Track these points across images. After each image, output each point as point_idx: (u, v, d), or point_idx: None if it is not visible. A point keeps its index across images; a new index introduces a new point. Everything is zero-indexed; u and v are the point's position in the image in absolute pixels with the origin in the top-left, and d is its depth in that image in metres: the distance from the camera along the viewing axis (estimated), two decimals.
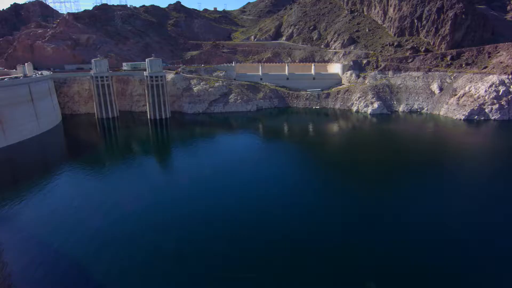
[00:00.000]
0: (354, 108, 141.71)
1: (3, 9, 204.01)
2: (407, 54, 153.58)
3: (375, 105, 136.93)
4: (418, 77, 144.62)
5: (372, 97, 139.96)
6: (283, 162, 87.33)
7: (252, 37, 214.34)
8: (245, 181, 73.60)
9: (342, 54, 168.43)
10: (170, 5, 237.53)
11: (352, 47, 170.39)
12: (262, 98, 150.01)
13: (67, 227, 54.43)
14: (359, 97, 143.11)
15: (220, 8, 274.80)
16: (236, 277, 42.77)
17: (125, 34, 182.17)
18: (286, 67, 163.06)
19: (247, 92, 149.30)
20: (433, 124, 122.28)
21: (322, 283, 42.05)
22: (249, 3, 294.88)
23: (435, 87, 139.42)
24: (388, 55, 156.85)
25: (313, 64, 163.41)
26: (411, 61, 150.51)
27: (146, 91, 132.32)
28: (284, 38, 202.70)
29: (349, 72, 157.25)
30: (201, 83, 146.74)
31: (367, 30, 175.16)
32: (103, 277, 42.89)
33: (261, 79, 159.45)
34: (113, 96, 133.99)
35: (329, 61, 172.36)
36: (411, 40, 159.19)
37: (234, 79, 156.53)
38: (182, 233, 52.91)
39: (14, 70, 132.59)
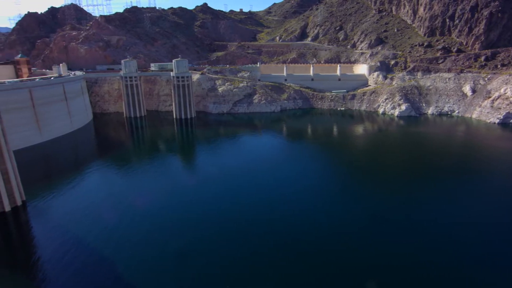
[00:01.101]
0: (381, 110, 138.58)
1: (41, 13, 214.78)
2: (438, 54, 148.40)
3: (403, 107, 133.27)
4: (449, 78, 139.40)
5: (400, 99, 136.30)
6: (306, 163, 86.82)
7: (277, 38, 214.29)
8: (267, 181, 73.69)
9: (369, 55, 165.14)
10: (197, 6, 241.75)
11: (379, 48, 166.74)
12: (286, 99, 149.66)
13: (93, 220, 56.65)
14: (386, 99, 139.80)
15: (246, 9, 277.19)
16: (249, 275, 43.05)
17: (153, 35, 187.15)
18: (311, 68, 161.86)
19: (271, 93, 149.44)
20: (464, 128, 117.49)
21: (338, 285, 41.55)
22: (274, 4, 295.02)
23: (467, 89, 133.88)
24: (418, 56, 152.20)
25: (338, 65, 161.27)
26: (442, 62, 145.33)
27: (172, 91, 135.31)
28: (309, 38, 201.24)
29: (375, 73, 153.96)
30: (226, 84, 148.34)
31: (395, 30, 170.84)
32: (121, 266, 44.35)
33: (285, 80, 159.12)
34: (141, 95, 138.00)
35: (355, 62, 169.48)
36: (442, 40, 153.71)
37: (259, 80, 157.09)
38: (202, 231, 53.71)
39: (50, 70, 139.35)
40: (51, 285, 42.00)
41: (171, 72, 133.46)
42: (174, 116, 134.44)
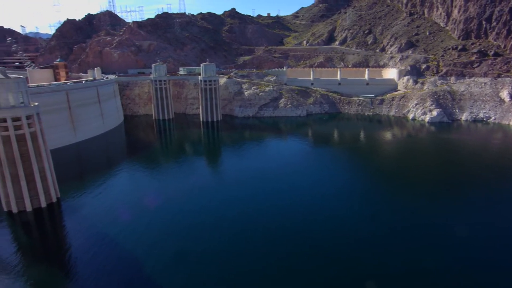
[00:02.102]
0: (410, 116, 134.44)
1: (79, 19, 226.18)
2: (473, 58, 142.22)
3: (434, 112, 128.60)
4: (485, 83, 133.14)
5: (431, 104, 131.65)
6: (331, 168, 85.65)
7: (304, 42, 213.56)
8: (290, 185, 73.31)
9: (398, 59, 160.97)
10: (225, 12, 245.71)
11: (410, 51, 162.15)
12: (312, 103, 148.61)
13: (120, 218, 58.62)
14: (416, 104, 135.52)
15: (273, 14, 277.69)
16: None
17: (182, 40, 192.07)
18: (338, 72, 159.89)
19: (297, 97, 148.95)
20: (501, 135, 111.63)
21: None
22: (302, 8, 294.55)
23: (505, 94, 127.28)
24: (451, 60, 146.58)
25: (366, 69, 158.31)
26: (477, 66, 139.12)
27: (199, 95, 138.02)
28: (337, 42, 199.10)
29: (406, 78, 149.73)
30: (252, 88, 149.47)
31: (427, 33, 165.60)
32: (141, 261, 45.57)
33: (312, 84, 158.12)
34: (169, 98, 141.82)
35: (384, 66, 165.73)
36: (477, 43, 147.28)
37: (285, 84, 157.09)
38: (224, 233, 54.20)
39: (85, 74, 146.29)
40: (78, 274, 44.10)
41: (199, 76, 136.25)
42: (201, 119, 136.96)
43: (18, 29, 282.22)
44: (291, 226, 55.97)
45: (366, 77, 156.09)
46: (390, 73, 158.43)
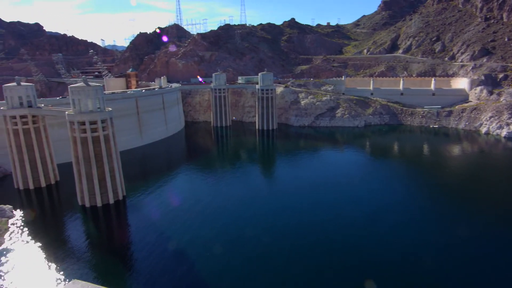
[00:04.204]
0: (483, 129, 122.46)
1: (149, 32, 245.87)
2: None
3: None
4: None
5: (509, 117, 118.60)
6: (390, 183, 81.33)
7: (365, 51, 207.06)
8: (345, 197, 71.13)
9: (470, 67, 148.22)
10: (284, 22, 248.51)
11: (484, 59, 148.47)
12: (371, 114, 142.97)
13: (177, 217, 61.79)
14: (490, 117, 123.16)
15: (333, 23, 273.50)
16: None
17: (242, 50, 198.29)
18: (401, 81, 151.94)
19: (355, 107, 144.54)
20: None
21: None
22: (364, 16, 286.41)
23: None
24: None
25: (433, 79, 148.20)
26: None
27: (256, 103, 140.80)
28: (400, 51, 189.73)
29: (478, 88, 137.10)
30: (309, 97, 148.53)
31: (506, 39, 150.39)
32: (191, 257, 47.32)
33: (371, 94, 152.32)
34: (228, 106, 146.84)
35: (453, 75, 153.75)
36: None
37: (343, 94, 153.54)
38: (272, 239, 54.23)
39: (152, 82, 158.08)
40: (134, 267, 47.64)
41: (257, 85, 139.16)
42: (257, 127, 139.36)
43: (99, 43, 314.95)
44: (342, 239, 54.23)
45: (432, 87, 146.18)
46: (460, 83, 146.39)
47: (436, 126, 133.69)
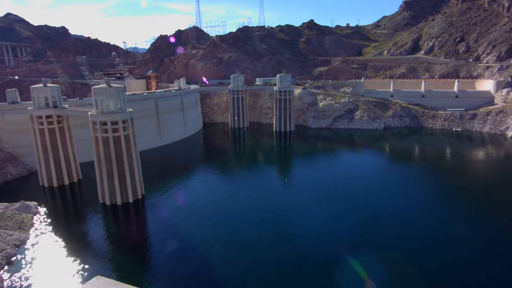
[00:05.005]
0: (510, 133, 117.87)
1: (170, 35, 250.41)
2: None
3: None
4: None
5: None
6: (408, 187, 79.50)
7: (385, 52, 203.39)
8: (363, 201, 69.98)
9: (497, 69, 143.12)
10: (303, 23, 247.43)
11: (511, 61, 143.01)
12: (391, 116, 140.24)
13: (193, 217, 62.48)
14: None
15: (352, 24, 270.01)
16: None
17: (260, 52, 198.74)
18: (423, 83, 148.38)
19: (374, 109, 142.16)
20: None
21: None
22: (384, 17, 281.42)
23: None
24: None
25: (456, 80, 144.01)
26: None
27: (274, 105, 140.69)
28: (422, 52, 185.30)
29: (505, 90, 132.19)
30: (327, 99, 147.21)
31: None
32: (205, 256, 47.72)
33: (391, 95, 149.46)
34: (245, 108, 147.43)
35: (478, 76, 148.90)
36: None
37: (362, 95, 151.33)
38: (286, 242, 54.03)
39: (172, 84, 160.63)
40: (150, 264, 48.53)
41: (274, 87, 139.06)
42: (274, 129, 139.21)
43: (121, 45, 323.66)
44: (360, 243, 53.43)
45: (455, 89, 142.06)
46: (486, 85, 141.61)
47: (459, 129, 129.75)
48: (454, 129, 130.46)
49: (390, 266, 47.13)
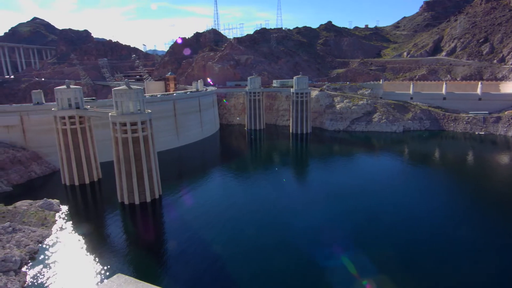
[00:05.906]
0: None
1: (188, 37, 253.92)
2: None
3: None
4: None
5: None
6: (429, 193, 77.53)
7: (405, 53, 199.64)
8: (377, 207, 68.78)
9: None
10: (321, 25, 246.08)
11: None
12: (410, 119, 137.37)
13: (209, 217, 62.97)
14: None
15: (371, 25, 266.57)
16: None
17: (277, 54, 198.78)
18: (444, 85, 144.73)
19: (393, 112, 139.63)
20: None
21: None
22: (404, 17, 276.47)
23: None
24: None
25: (479, 83, 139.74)
26: None
27: (290, 107, 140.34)
28: (443, 53, 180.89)
29: None
30: (345, 101, 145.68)
31: None
32: (221, 256, 47.92)
33: (411, 98, 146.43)
34: (262, 110, 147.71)
35: (503, 78, 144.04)
36: None
37: (380, 98, 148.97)
38: (301, 248, 53.68)
39: (189, 86, 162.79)
40: (166, 263, 49.34)
41: (291, 89, 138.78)
42: (291, 131, 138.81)
43: (141, 47, 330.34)
44: (377, 248, 52.55)
45: (478, 91, 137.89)
46: (511, 87, 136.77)
47: (482, 133, 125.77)
48: (476, 133, 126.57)
49: (406, 271, 46.18)
